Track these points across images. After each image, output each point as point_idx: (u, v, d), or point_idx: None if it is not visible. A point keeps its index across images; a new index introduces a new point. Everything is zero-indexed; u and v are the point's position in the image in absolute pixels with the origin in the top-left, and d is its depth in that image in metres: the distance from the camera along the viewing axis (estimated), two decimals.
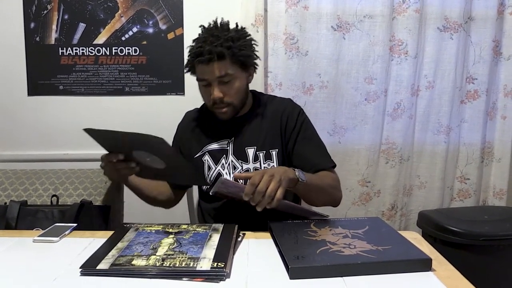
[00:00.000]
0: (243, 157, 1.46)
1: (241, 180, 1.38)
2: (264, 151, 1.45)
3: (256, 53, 1.48)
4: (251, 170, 1.44)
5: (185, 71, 1.48)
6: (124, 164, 1.25)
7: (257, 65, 1.51)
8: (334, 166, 1.48)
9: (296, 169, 1.25)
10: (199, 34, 1.44)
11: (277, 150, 1.46)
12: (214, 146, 1.49)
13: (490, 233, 1.79)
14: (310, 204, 1.45)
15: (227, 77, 1.38)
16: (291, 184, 1.22)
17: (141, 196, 1.49)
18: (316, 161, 1.45)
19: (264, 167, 1.44)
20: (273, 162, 1.45)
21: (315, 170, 1.43)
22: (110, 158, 1.25)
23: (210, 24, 1.45)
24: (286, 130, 1.48)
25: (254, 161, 1.45)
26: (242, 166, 1.45)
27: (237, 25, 1.47)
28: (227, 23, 1.45)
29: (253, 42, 1.46)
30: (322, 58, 2.12)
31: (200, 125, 1.55)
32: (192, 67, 1.43)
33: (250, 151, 1.46)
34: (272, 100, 1.56)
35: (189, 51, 1.42)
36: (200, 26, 1.46)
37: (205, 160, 1.48)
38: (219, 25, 1.43)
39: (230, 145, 1.47)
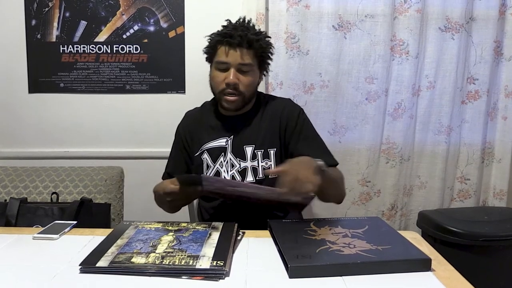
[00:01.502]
0: (241, 155, 1.46)
1: (224, 175, 1.42)
2: (262, 150, 1.46)
3: (271, 59, 1.52)
4: (249, 168, 1.45)
5: (203, 51, 1.49)
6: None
7: (268, 70, 1.54)
8: (337, 164, 1.50)
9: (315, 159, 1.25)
10: (224, 27, 1.47)
11: (275, 149, 1.47)
12: (212, 144, 1.49)
13: (490, 233, 1.79)
14: (320, 199, 1.42)
15: (248, 67, 1.41)
16: (318, 169, 1.20)
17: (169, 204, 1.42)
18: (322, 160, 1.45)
19: (262, 165, 1.45)
20: (270, 161, 1.46)
21: None
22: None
23: (240, 18, 1.48)
24: (286, 130, 1.49)
25: (252, 160, 1.46)
26: (240, 164, 1.45)
27: (259, 30, 1.51)
28: (253, 25, 1.49)
29: (272, 47, 1.51)
30: (323, 58, 2.12)
31: (200, 124, 1.56)
32: (214, 49, 1.45)
33: (249, 150, 1.46)
34: (272, 100, 1.58)
35: (216, 33, 1.45)
36: (226, 20, 1.49)
37: (204, 159, 1.48)
38: (246, 22, 1.47)
39: (229, 143, 1.48)
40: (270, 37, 1.51)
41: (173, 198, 1.28)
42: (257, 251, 1.07)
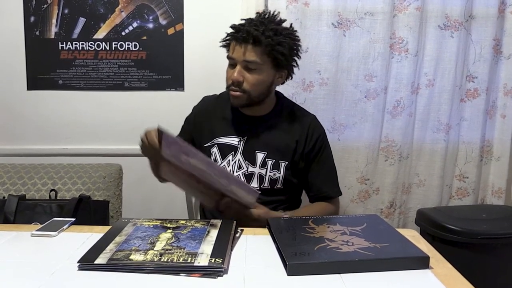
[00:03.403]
0: (251, 160, 1.44)
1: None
2: (274, 160, 1.44)
3: (296, 58, 1.45)
4: (255, 174, 1.43)
5: (220, 44, 1.46)
6: None
7: (293, 72, 1.48)
8: (338, 195, 1.53)
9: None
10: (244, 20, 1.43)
11: (286, 162, 1.45)
12: (225, 140, 1.47)
13: (488, 231, 1.79)
14: None
15: (254, 64, 1.35)
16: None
17: None
18: (323, 188, 1.49)
19: (269, 175, 1.43)
20: (279, 173, 1.44)
21: (319, 196, 1.49)
22: None
23: (264, 12, 1.44)
24: (304, 149, 1.47)
25: (261, 167, 1.43)
26: (247, 168, 1.43)
27: (291, 25, 1.45)
28: (281, 20, 1.42)
29: (298, 47, 1.44)
30: (322, 55, 2.11)
31: (216, 114, 1.53)
32: (228, 43, 1.43)
33: (260, 156, 1.44)
34: (295, 110, 1.54)
35: (230, 26, 1.42)
36: (257, 13, 1.45)
37: (213, 152, 1.46)
38: (272, 16, 1.41)
39: (241, 144, 1.45)
40: (294, 34, 1.43)
41: (145, 154, 1.30)
42: (255, 249, 1.07)
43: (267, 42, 1.33)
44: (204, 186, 1.21)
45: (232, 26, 1.40)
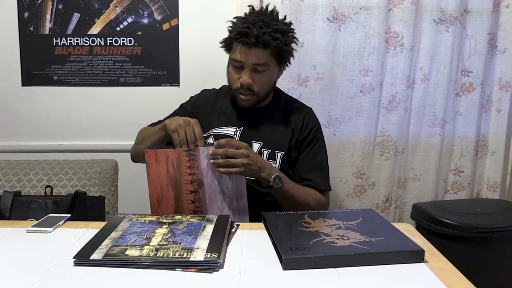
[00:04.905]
0: None
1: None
2: (270, 150, 1.44)
3: (294, 52, 1.46)
4: None
5: (220, 45, 1.45)
6: None
7: (290, 63, 1.49)
8: (328, 190, 1.50)
9: (280, 176, 1.30)
10: (245, 14, 1.41)
11: (283, 153, 1.45)
12: (221, 130, 1.47)
13: (483, 225, 1.80)
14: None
15: (263, 66, 1.36)
16: (260, 180, 1.30)
17: None
18: (312, 179, 1.46)
19: None
20: (275, 163, 1.44)
21: (307, 186, 1.45)
22: None
23: (261, 8, 1.43)
24: (299, 137, 1.48)
25: None
26: None
27: (285, 18, 1.44)
28: (277, 12, 1.42)
29: (295, 39, 1.45)
30: (317, 50, 2.11)
31: (213, 106, 1.54)
32: (230, 45, 1.41)
33: (256, 146, 1.44)
34: (293, 103, 1.56)
35: (232, 28, 1.39)
36: (249, 6, 1.44)
37: (208, 143, 1.47)
38: (269, 11, 1.40)
39: (237, 134, 1.46)
40: (292, 29, 1.43)
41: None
42: (251, 243, 1.07)
43: (275, 44, 1.34)
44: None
45: (238, 31, 1.36)
